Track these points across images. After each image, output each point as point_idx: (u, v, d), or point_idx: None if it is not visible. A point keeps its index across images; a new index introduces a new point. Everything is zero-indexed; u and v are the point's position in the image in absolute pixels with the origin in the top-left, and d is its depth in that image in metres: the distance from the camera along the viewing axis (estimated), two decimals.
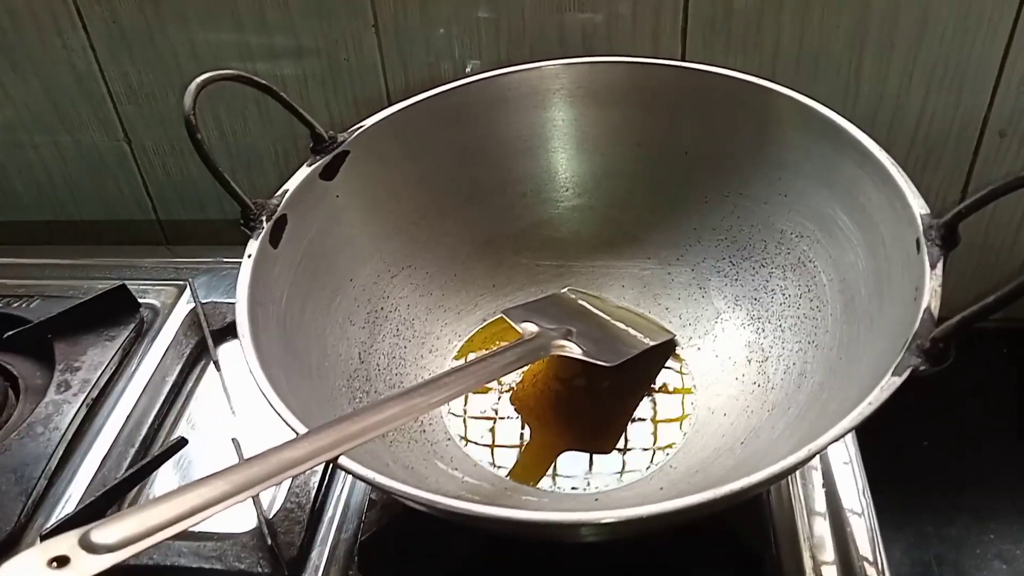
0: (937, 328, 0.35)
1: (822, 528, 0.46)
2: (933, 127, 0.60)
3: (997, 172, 0.61)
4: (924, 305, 0.36)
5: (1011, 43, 0.55)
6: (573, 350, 0.48)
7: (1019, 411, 0.63)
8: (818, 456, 0.49)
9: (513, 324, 0.49)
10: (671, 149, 0.53)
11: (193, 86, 0.44)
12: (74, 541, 0.27)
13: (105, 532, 0.28)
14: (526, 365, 0.50)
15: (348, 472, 0.35)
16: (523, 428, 0.50)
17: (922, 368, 0.34)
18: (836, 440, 0.33)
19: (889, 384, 0.34)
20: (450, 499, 0.33)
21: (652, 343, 0.51)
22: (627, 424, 0.49)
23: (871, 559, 0.45)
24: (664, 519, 0.32)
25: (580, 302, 0.55)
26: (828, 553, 0.45)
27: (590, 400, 0.51)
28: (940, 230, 0.38)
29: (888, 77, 0.58)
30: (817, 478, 0.49)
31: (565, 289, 0.56)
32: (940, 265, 0.37)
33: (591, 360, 0.47)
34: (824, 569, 0.44)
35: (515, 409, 0.51)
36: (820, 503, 0.47)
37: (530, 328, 0.48)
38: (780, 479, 0.40)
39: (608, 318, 0.53)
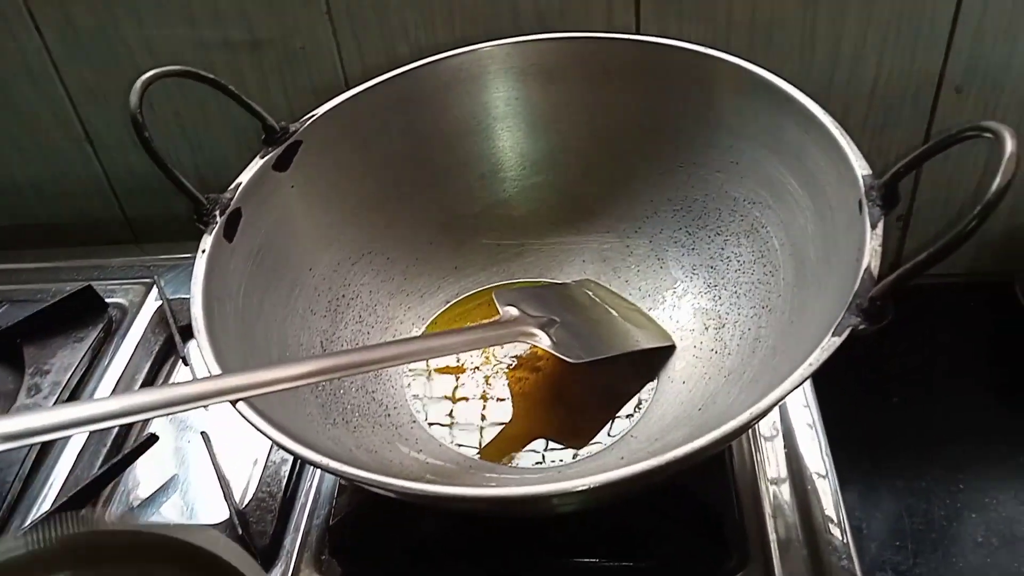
0: (875, 287, 0.35)
1: (784, 490, 0.47)
2: (890, 87, 0.60)
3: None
4: (864, 265, 0.36)
5: None
6: (541, 340, 0.46)
7: (988, 364, 0.63)
8: (779, 420, 0.50)
9: (498, 305, 0.48)
10: (624, 122, 0.54)
11: (138, 84, 0.44)
12: None
13: None
14: (490, 347, 0.50)
15: (304, 460, 0.35)
16: (484, 410, 0.50)
17: (861, 327, 0.35)
18: (777, 403, 0.34)
19: (829, 344, 0.34)
20: (406, 481, 0.34)
21: (640, 347, 0.50)
22: (608, 422, 0.48)
23: (835, 519, 0.45)
24: (617, 487, 0.33)
25: (588, 294, 0.53)
26: (791, 514, 0.46)
27: (581, 393, 0.50)
28: (880, 190, 0.39)
29: (842, 39, 0.57)
30: (779, 442, 0.49)
31: (582, 279, 0.55)
32: (880, 225, 0.38)
33: (555, 354, 0.46)
34: (787, 530, 0.45)
35: (510, 391, 0.51)
36: (781, 466, 0.48)
37: (511, 312, 0.47)
38: (724, 444, 0.41)
39: (611, 315, 0.51)
